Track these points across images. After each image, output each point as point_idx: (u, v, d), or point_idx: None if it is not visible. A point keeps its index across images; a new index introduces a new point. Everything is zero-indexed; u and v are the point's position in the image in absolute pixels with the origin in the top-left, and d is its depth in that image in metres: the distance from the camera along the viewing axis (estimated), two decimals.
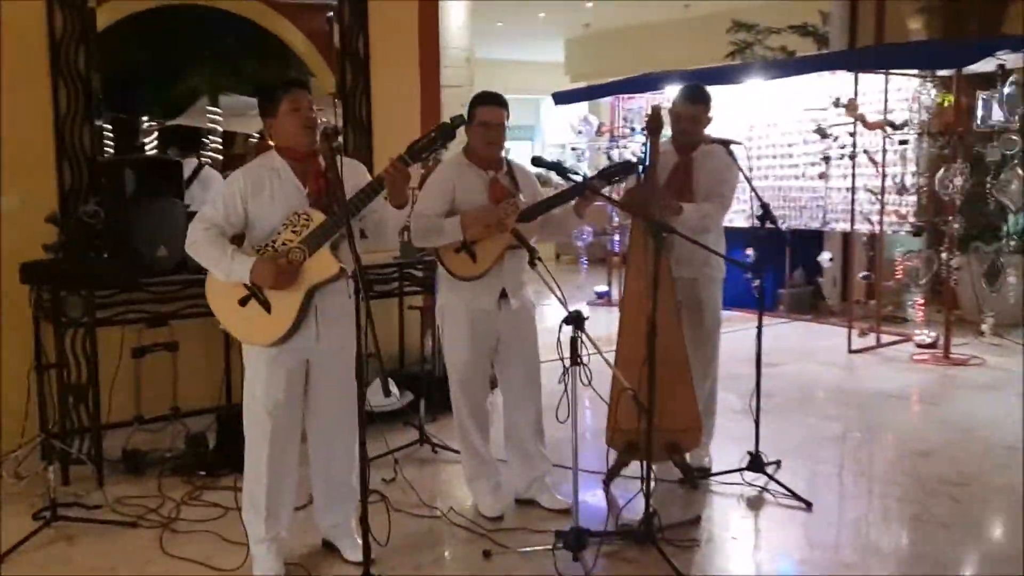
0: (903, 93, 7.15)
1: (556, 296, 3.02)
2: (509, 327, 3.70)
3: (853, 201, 7.03)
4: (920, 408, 5.69)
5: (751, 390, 4.06)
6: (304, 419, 3.18)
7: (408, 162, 2.96)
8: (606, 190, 4.01)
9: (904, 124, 7.01)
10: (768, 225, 4.16)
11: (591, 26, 14.87)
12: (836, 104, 6.87)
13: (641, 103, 9.57)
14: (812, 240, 8.61)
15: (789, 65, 7.65)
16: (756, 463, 4.10)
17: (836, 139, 7.28)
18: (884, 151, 7.06)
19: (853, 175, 6.98)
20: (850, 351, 7.02)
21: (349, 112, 5.37)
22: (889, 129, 7.00)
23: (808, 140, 7.79)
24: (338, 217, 2.86)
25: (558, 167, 3.66)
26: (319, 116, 3.02)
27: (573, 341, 3.17)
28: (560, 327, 3.13)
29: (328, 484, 3.25)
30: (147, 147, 5.36)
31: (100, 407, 4.14)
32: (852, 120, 6.84)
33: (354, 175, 3.02)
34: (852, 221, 7.10)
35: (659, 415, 3.88)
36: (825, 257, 8.22)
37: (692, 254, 4.20)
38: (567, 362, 3.18)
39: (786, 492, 3.90)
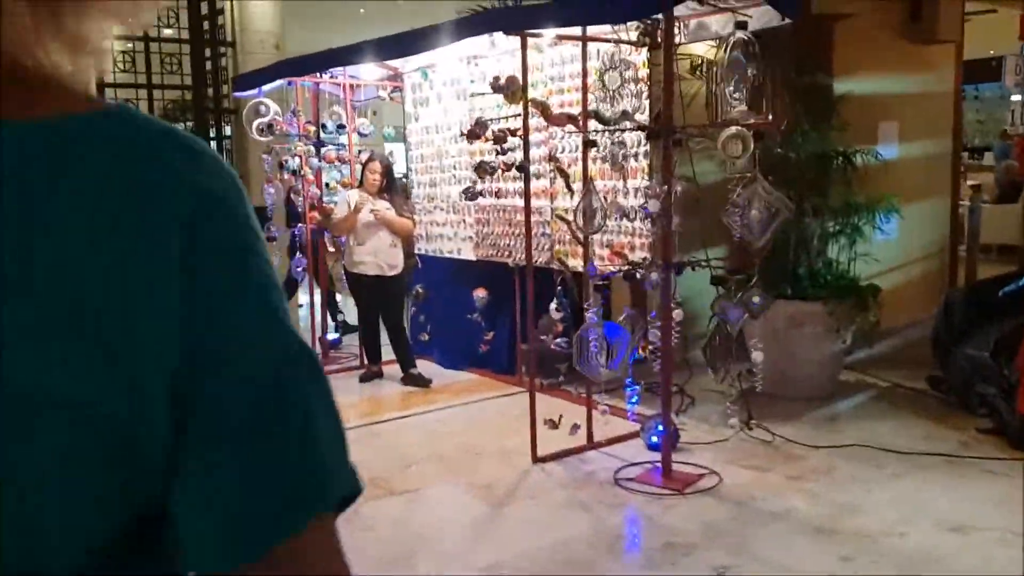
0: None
1: None
2: None
3: (528, 230, 4.63)
4: None
5: None
6: None
7: None
8: None
9: (625, 117, 4.63)
10: None
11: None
12: (494, 88, 4.46)
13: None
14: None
15: (438, 32, 5.20)
16: None
17: (500, 142, 4.85)
18: (584, 158, 4.71)
19: (527, 194, 4.58)
20: (536, 459, 4.65)
21: None
22: (596, 125, 4.64)
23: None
24: None
25: None
26: None
27: None
28: None
29: None
30: None
31: None
32: (520, 112, 4.46)
33: None
34: (529, 258, 4.71)
35: None
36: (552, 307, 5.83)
37: None
38: None
39: None
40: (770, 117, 4.47)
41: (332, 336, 7.55)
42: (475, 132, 4.70)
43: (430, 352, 7.05)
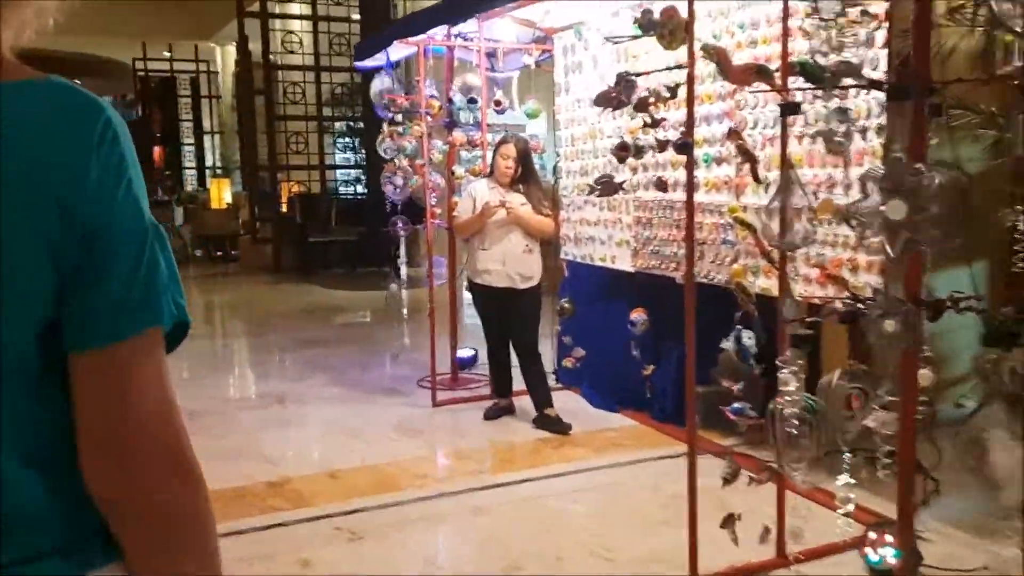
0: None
1: None
2: None
3: (690, 233, 3.12)
4: None
5: None
6: None
7: None
8: None
9: (850, 71, 3.00)
10: None
11: None
12: (643, 27, 2.94)
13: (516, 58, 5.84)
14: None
15: None
16: None
17: (643, 109, 3.21)
18: (784, 128, 3.12)
19: (689, 184, 3.06)
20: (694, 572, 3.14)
21: None
22: (800, 81, 3.04)
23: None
24: None
25: None
26: None
27: None
28: None
29: None
30: None
31: None
32: (683, 63, 2.94)
33: None
34: (689, 271, 3.21)
35: None
36: (745, 337, 4.23)
37: None
38: None
39: None
40: None
41: (466, 353, 6.29)
42: (610, 96, 3.14)
43: (577, 383, 5.65)
